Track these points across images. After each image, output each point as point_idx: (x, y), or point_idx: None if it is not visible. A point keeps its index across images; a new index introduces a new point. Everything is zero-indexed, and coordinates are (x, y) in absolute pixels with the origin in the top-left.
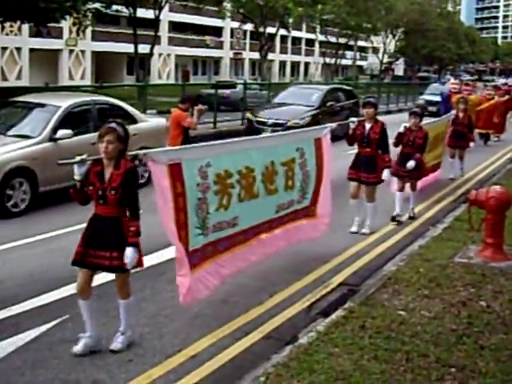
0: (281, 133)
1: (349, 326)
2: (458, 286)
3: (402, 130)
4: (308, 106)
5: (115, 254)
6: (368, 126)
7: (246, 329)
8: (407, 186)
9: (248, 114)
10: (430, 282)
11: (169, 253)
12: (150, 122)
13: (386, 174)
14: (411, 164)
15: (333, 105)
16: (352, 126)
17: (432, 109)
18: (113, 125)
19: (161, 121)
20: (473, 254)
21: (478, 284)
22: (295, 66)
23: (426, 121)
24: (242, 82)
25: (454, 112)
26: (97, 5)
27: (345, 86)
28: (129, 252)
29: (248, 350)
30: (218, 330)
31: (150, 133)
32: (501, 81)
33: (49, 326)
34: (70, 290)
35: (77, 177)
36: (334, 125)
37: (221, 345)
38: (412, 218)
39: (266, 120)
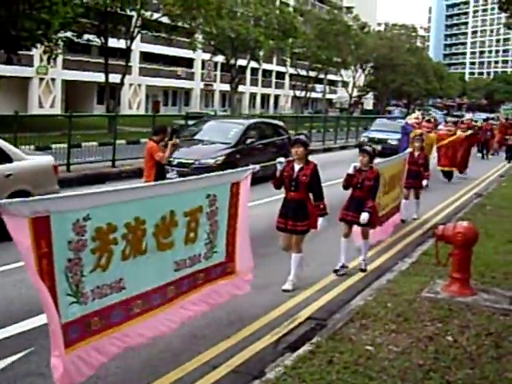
0: (191, 177)
1: (316, 360)
2: (425, 320)
3: (351, 170)
4: (223, 144)
5: None
6: (297, 167)
7: (214, 363)
8: (357, 232)
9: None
10: (398, 317)
11: None
12: (30, 160)
13: (321, 222)
14: (364, 218)
15: (254, 142)
16: (279, 167)
17: (376, 148)
18: None
19: (47, 159)
20: (440, 289)
21: (445, 319)
22: (265, 98)
23: (378, 160)
24: (213, 113)
25: (409, 150)
26: (68, 34)
27: (273, 121)
28: None
29: None
30: (186, 363)
31: (31, 174)
32: (467, 116)
33: (14, 358)
34: (36, 322)
35: None
36: (256, 167)
37: (188, 379)
38: (363, 271)
39: (171, 159)
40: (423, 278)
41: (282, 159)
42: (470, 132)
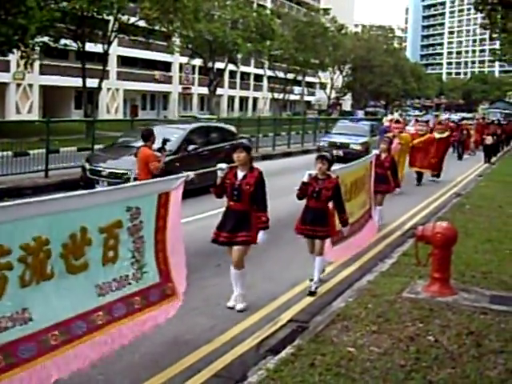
0: (107, 188)
1: (298, 363)
2: (406, 321)
3: (305, 178)
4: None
5: None
6: (241, 174)
7: (196, 367)
8: (317, 246)
9: (83, 160)
10: (379, 318)
11: None
12: None
13: (261, 236)
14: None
15: (197, 149)
16: (220, 173)
17: (338, 153)
18: None
19: None
20: (420, 289)
21: (426, 319)
22: (244, 100)
23: (338, 166)
24: (205, 116)
25: (376, 152)
26: (45, 39)
27: (222, 124)
28: None
29: None
30: (168, 368)
31: None
32: (444, 116)
33: None
34: None
35: None
36: (190, 174)
37: None
38: (312, 294)
39: (101, 169)
40: (403, 278)
41: (223, 165)
42: (446, 134)
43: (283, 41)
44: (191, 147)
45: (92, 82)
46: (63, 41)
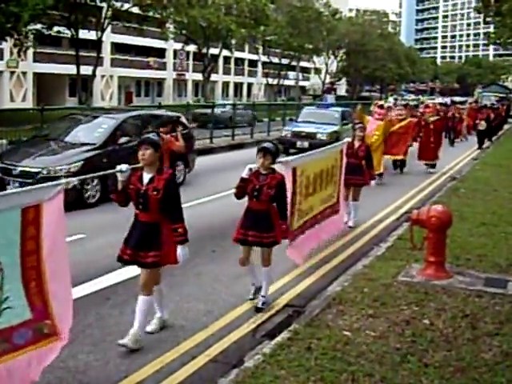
0: None
1: (294, 347)
2: (401, 304)
3: (245, 173)
4: (86, 145)
5: None
6: (147, 177)
7: (193, 353)
8: (263, 255)
9: None
10: (375, 302)
11: (113, 277)
12: None
13: (180, 252)
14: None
15: (130, 141)
16: (120, 177)
17: (303, 144)
18: None
19: None
20: (416, 273)
21: (421, 302)
22: (238, 86)
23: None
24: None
25: (347, 139)
26: (38, 26)
27: (165, 112)
28: None
29: (195, 375)
30: (164, 354)
31: None
32: (438, 99)
33: None
34: None
35: None
36: (123, 166)
37: (167, 370)
38: (259, 310)
39: (13, 167)
40: (399, 262)
41: (123, 166)
42: (436, 118)
43: (277, 26)
44: (123, 139)
45: (86, 70)
46: (56, 28)
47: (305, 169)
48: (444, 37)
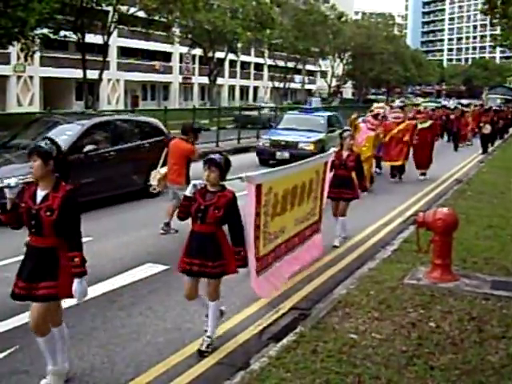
0: None
1: (300, 350)
2: (407, 307)
3: (189, 191)
4: None
5: None
6: (40, 195)
7: (199, 355)
8: (209, 288)
9: None
10: (380, 304)
11: (119, 280)
12: None
13: (76, 287)
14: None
15: (97, 149)
16: (9, 194)
17: (282, 155)
18: None
19: None
20: (422, 276)
21: (428, 305)
22: (244, 90)
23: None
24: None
25: (333, 150)
26: (45, 30)
27: (144, 118)
28: None
29: (201, 377)
30: (170, 356)
31: None
32: (443, 102)
33: None
34: (22, 319)
35: None
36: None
37: (174, 372)
38: (202, 355)
39: None
40: (405, 265)
41: (12, 180)
42: (429, 123)
43: (283, 29)
44: (89, 147)
45: (92, 74)
46: (63, 32)
47: (273, 186)
48: (450, 39)
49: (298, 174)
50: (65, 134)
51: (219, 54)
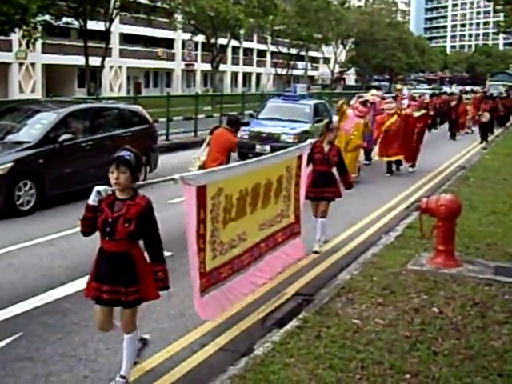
0: None
1: (304, 335)
2: (411, 293)
3: (92, 199)
4: (19, 144)
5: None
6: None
7: (203, 341)
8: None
9: None
10: (384, 290)
11: None
12: None
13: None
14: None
15: (74, 139)
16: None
17: (263, 148)
18: None
19: None
20: (425, 262)
21: (431, 291)
22: (247, 76)
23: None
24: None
25: (310, 141)
26: (46, 17)
27: (125, 105)
28: None
29: (204, 363)
30: (174, 343)
31: None
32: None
33: (3, 343)
34: (25, 306)
35: None
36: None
37: (177, 358)
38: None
39: None
40: (408, 250)
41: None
42: (421, 113)
43: (286, 16)
44: (65, 137)
45: (95, 60)
46: (65, 19)
47: (224, 186)
48: (454, 26)
49: (261, 170)
50: (39, 123)
51: (222, 41)
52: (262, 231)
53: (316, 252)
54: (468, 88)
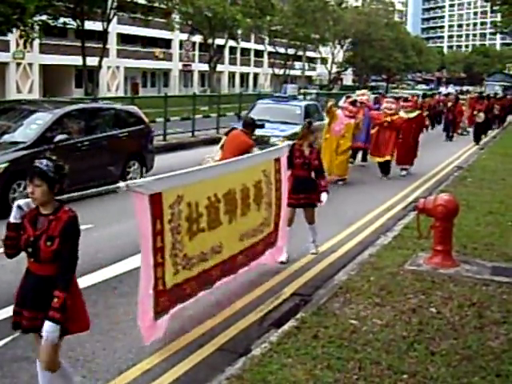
0: None
1: (301, 336)
2: (408, 293)
3: (13, 216)
4: (14, 144)
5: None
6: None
7: (200, 341)
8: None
9: None
10: (381, 290)
11: (120, 267)
12: None
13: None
14: (47, 336)
15: (69, 139)
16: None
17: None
18: None
19: None
20: (422, 262)
21: (428, 291)
22: (244, 77)
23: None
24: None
25: (287, 143)
26: (44, 17)
27: (121, 106)
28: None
29: (202, 363)
30: (172, 343)
31: None
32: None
33: (0, 344)
34: None
35: None
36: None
37: (175, 358)
38: None
39: None
40: (405, 251)
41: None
42: (416, 113)
43: (283, 16)
44: (60, 137)
45: (92, 61)
46: (62, 19)
47: (184, 193)
48: (451, 26)
49: (233, 175)
50: (35, 123)
51: (219, 41)
52: (242, 242)
53: (314, 253)
54: (464, 88)
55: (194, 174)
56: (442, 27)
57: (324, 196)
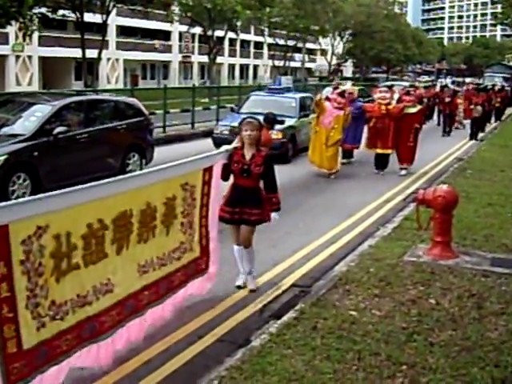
0: None
1: (301, 327)
2: (407, 284)
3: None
4: (13, 136)
5: None
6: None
7: (199, 333)
8: None
9: None
10: (381, 282)
11: None
12: None
13: (274, 216)
14: None
15: (68, 131)
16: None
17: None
18: None
19: None
20: (422, 253)
21: (428, 282)
22: (244, 68)
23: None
24: None
25: (226, 147)
26: (43, 9)
27: (120, 98)
28: None
29: (201, 354)
30: (171, 334)
31: None
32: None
33: None
34: None
35: None
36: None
37: (174, 349)
38: None
39: None
40: (405, 242)
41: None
42: (417, 108)
43: (283, 7)
44: (59, 129)
45: (91, 53)
46: (61, 11)
47: (50, 222)
48: (451, 17)
49: (133, 193)
50: (34, 116)
51: (219, 33)
52: (146, 275)
53: (252, 290)
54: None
55: (66, 197)
56: (443, 18)
57: (274, 216)
